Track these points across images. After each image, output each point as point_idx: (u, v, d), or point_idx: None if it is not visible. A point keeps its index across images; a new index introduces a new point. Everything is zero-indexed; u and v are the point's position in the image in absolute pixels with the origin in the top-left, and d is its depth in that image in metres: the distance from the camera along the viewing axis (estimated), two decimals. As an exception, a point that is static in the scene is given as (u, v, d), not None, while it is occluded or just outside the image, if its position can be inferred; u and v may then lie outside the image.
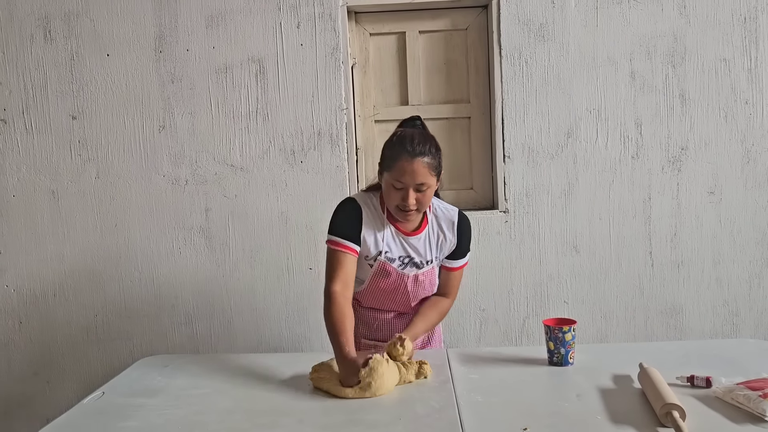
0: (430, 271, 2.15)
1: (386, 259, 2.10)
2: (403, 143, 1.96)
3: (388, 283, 2.13)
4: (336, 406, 1.69)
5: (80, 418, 1.70)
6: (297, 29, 3.13)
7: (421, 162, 1.93)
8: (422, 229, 2.12)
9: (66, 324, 3.27)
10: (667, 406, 1.46)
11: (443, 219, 2.14)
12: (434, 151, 1.99)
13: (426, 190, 1.97)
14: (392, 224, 2.10)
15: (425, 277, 2.15)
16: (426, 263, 2.13)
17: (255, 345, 3.25)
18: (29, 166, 3.21)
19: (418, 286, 2.15)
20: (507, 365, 1.94)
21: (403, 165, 1.93)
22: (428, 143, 1.98)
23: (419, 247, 2.11)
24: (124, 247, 3.23)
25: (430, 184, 1.98)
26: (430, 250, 2.13)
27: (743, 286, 3.21)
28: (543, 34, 3.12)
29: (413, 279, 2.13)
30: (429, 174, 1.96)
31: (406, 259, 2.11)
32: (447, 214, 2.15)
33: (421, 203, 1.99)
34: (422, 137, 1.99)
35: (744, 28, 3.10)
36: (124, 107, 3.18)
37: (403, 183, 1.95)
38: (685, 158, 3.15)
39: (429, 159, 1.95)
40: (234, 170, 3.18)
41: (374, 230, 2.09)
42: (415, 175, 1.93)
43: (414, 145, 1.95)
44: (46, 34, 3.15)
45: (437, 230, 2.13)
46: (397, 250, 2.10)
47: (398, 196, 1.97)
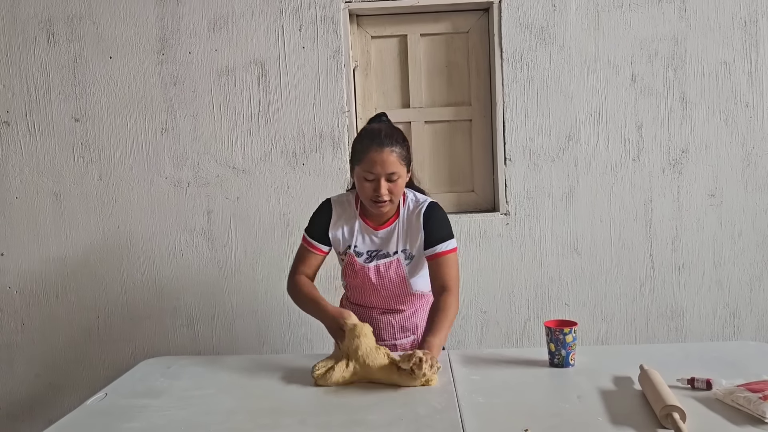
0: (395, 262, 2.17)
1: (354, 253, 2.18)
2: (371, 136, 2.07)
3: (355, 276, 2.21)
4: (337, 406, 1.69)
5: (84, 419, 1.71)
6: (299, 32, 3.14)
7: (390, 151, 2.03)
8: (391, 222, 2.18)
9: (68, 325, 3.28)
10: (667, 407, 1.47)
11: (414, 211, 2.18)
12: (402, 141, 2.08)
13: (397, 179, 2.05)
14: (362, 219, 2.19)
15: (387, 269, 2.17)
16: (392, 254, 2.17)
17: (256, 346, 3.26)
18: (32, 168, 3.22)
19: (381, 278, 2.18)
20: (508, 367, 1.95)
21: (373, 156, 2.03)
22: (395, 135, 2.08)
23: (387, 239, 2.17)
24: (126, 249, 3.24)
25: (401, 173, 2.06)
26: (398, 243, 2.17)
27: (744, 288, 3.22)
28: (544, 37, 3.13)
29: (375, 270, 2.18)
30: (398, 163, 2.04)
31: (373, 253, 2.18)
32: (418, 205, 2.18)
33: (393, 193, 2.07)
34: (389, 129, 2.10)
35: (744, 31, 3.11)
36: (127, 110, 3.19)
37: (374, 173, 2.03)
38: (686, 161, 3.16)
39: (398, 149, 2.04)
40: (236, 172, 3.20)
41: (344, 226, 2.21)
42: (386, 165, 2.02)
43: (382, 137, 2.05)
44: (49, 37, 3.16)
45: (407, 222, 2.18)
46: (364, 245, 2.19)
47: (370, 188, 2.06)
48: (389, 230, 2.17)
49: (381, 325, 2.25)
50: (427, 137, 3.33)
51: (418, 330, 2.27)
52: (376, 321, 2.24)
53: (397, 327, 2.25)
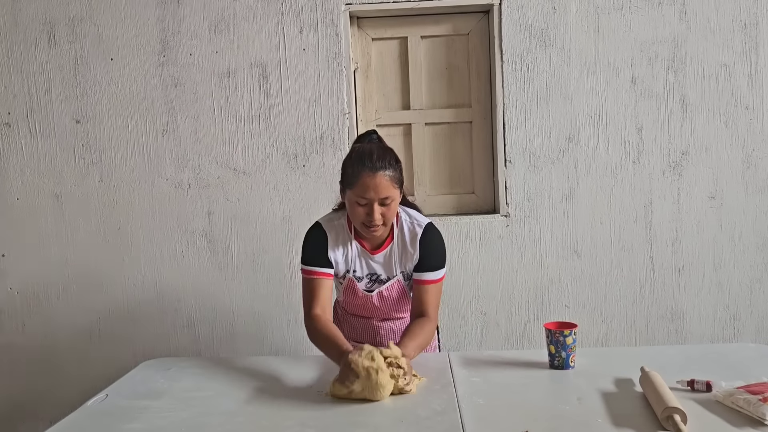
0: (395, 284, 2.14)
1: (354, 278, 2.13)
2: (362, 159, 1.96)
3: (356, 299, 2.17)
4: (338, 409, 1.69)
5: (84, 420, 1.71)
6: (299, 34, 3.15)
7: (383, 176, 1.94)
8: (385, 246, 2.11)
9: (69, 327, 3.28)
10: (668, 409, 1.47)
11: (408, 233, 2.10)
12: (394, 163, 1.99)
13: (390, 203, 1.97)
14: (358, 242, 2.12)
15: (390, 292, 2.15)
16: (392, 278, 2.14)
17: (257, 348, 3.26)
18: (33, 170, 3.22)
19: (383, 301, 2.16)
20: (508, 368, 1.95)
21: (366, 181, 1.93)
22: (387, 156, 1.98)
23: (383, 263, 2.12)
24: (126, 251, 3.25)
25: (394, 196, 1.98)
26: (394, 266, 2.12)
27: (744, 290, 3.22)
28: (544, 40, 3.13)
29: (378, 296, 2.15)
30: (392, 187, 1.96)
31: (373, 276, 2.13)
32: (413, 229, 2.10)
33: (386, 217, 1.99)
34: (381, 151, 1.99)
35: (744, 33, 3.11)
36: (128, 111, 3.19)
37: (367, 198, 1.95)
38: (686, 163, 3.16)
39: (390, 172, 1.96)
40: (236, 174, 3.20)
41: (341, 250, 2.12)
42: (379, 190, 1.93)
43: (374, 160, 1.95)
44: (50, 39, 3.17)
45: (401, 245, 2.11)
46: (362, 269, 2.13)
47: (363, 212, 1.97)
48: (385, 254, 2.11)
49: (381, 332, 2.23)
50: (428, 139, 3.33)
51: None
52: (376, 328, 2.23)
53: (398, 333, 2.21)
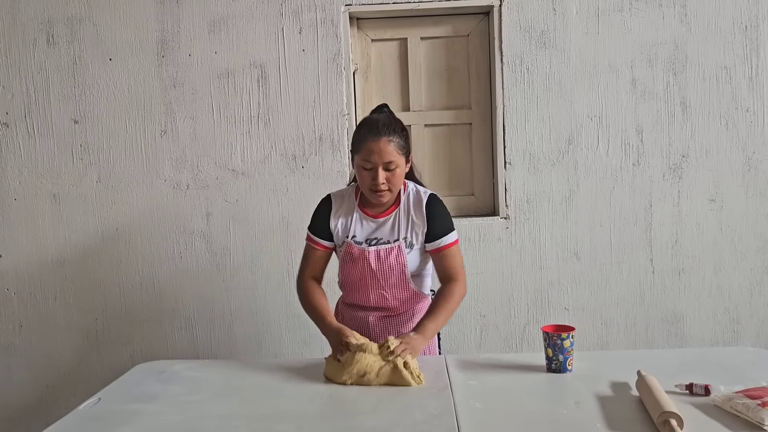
0: (395, 248, 2.16)
1: (352, 242, 2.18)
2: (369, 126, 2.09)
3: (354, 266, 2.19)
4: (334, 411, 1.69)
5: (75, 424, 1.69)
6: (299, 35, 3.14)
7: (387, 141, 2.04)
8: (391, 211, 2.18)
9: (66, 328, 3.27)
10: (664, 414, 1.46)
11: (414, 201, 2.19)
12: (400, 131, 2.10)
13: (395, 169, 2.07)
14: (361, 210, 2.20)
15: (387, 254, 2.16)
16: (393, 241, 2.17)
17: (255, 350, 3.25)
18: (31, 170, 3.22)
19: (381, 263, 2.16)
20: (506, 372, 1.94)
21: (370, 145, 2.05)
22: (393, 124, 2.10)
23: (387, 227, 2.18)
24: (124, 251, 3.24)
25: (399, 163, 2.07)
26: (398, 231, 2.17)
27: (744, 293, 3.21)
28: (544, 41, 3.12)
29: (375, 255, 2.16)
30: (396, 152, 2.06)
31: (372, 240, 2.18)
32: (419, 196, 2.19)
33: (391, 183, 2.08)
34: (387, 119, 2.11)
35: (745, 36, 3.11)
36: (126, 111, 3.18)
37: (372, 162, 2.05)
38: (686, 165, 3.15)
39: (395, 138, 2.06)
40: (235, 175, 3.19)
41: (344, 218, 2.21)
42: (383, 154, 2.04)
43: (379, 126, 2.07)
44: (49, 39, 3.16)
45: (407, 212, 2.18)
46: (362, 233, 2.19)
47: (368, 177, 2.08)
48: (388, 218, 2.18)
49: (377, 330, 2.23)
50: (427, 141, 3.32)
51: None
52: (371, 327, 2.23)
53: (391, 331, 2.21)
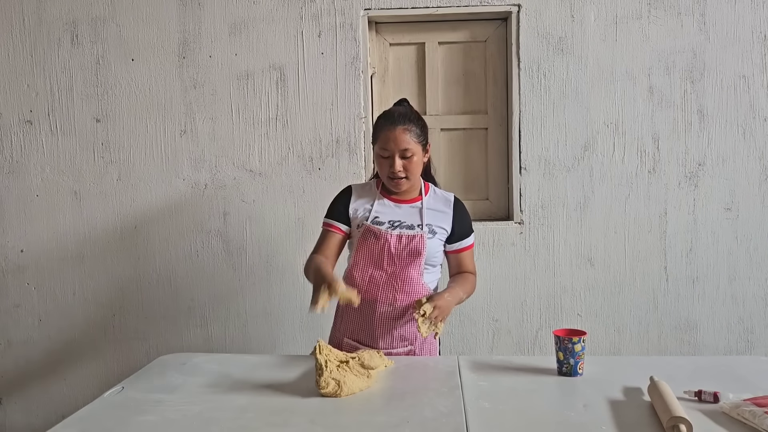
0: (418, 236, 2.19)
1: (374, 223, 2.23)
2: (387, 116, 2.23)
3: (375, 243, 2.21)
4: (346, 407, 1.71)
5: (100, 411, 1.75)
6: (318, 38, 3.18)
7: (402, 129, 2.16)
8: (416, 200, 2.28)
9: (84, 323, 3.32)
10: (674, 419, 1.47)
11: (440, 197, 2.33)
12: (416, 120, 2.21)
13: (411, 156, 2.17)
14: (384, 196, 2.30)
15: (409, 241, 2.19)
16: (417, 227, 2.22)
17: (269, 349, 3.28)
18: (53, 167, 3.27)
19: (402, 247, 2.18)
20: (516, 374, 1.95)
21: (387, 134, 2.17)
22: (410, 115, 2.22)
23: (413, 213, 2.25)
24: (143, 249, 3.29)
25: (415, 151, 2.18)
26: (423, 218, 2.24)
27: (759, 303, 3.20)
28: (562, 48, 3.14)
29: (397, 238, 2.20)
30: (412, 141, 2.17)
31: (396, 223, 2.23)
32: (444, 195, 2.35)
33: (409, 171, 2.19)
34: (404, 110, 2.24)
35: (764, 45, 3.10)
36: (147, 111, 3.23)
37: (389, 150, 2.16)
38: (702, 174, 3.15)
39: (411, 127, 2.18)
40: (253, 175, 3.23)
41: (366, 203, 2.30)
42: (398, 141, 2.15)
43: (395, 116, 2.20)
44: (73, 39, 3.22)
45: (432, 203, 2.29)
46: (386, 215, 2.25)
47: (386, 165, 2.19)
48: (414, 207, 2.27)
49: (378, 331, 2.21)
50: (443, 145, 3.34)
51: (416, 341, 2.24)
52: (373, 326, 2.22)
53: (396, 336, 2.21)
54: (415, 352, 2.24)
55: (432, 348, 2.29)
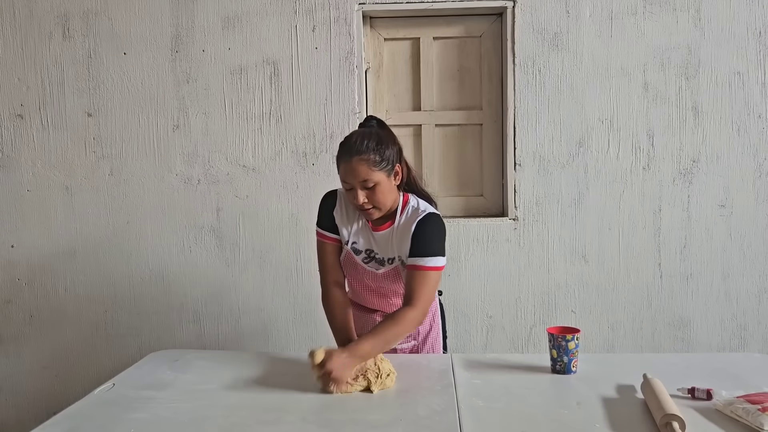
0: (392, 271, 2.12)
1: (353, 250, 2.15)
2: (344, 145, 2.01)
3: (355, 273, 2.18)
4: (339, 405, 1.70)
5: (90, 408, 1.73)
6: (312, 33, 3.16)
7: (358, 160, 1.95)
8: (387, 226, 2.10)
9: (76, 319, 3.31)
10: (667, 416, 1.47)
11: (409, 219, 2.06)
12: (375, 147, 1.97)
13: (374, 186, 1.98)
14: (363, 218, 2.13)
15: (385, 277, 2.14)
16: (387, 261, 2.11)
17: (262, 345, 3.27)
18: (44, 162, 3.25)
19: (378, 281, 2.16)
20: (510, 372, 1.95)
21: (344, 166, 1.99)
22: (367, 140, 1.98)
23: (382, 243, 2.11)
24: (135, 245, 3.27)
25: (376, 180, 1.97)
26: (392, 249, 2.09)
27: (752, 300, 3.20)
28: (557, 43, 3.13)
29: (372, 275, 2.15)
30: (370, 170, 1.96)
31: (371, 253, 2.13)
32: (415, 215, 2.06)
33: (374, 200, 2.00)
34: (363, 136, 2.00)
35: (759, 42, 3.10)
36: (140, 106, 3.21)
37: (349, 183, 1.99)
38: (697, 171, 3.15)
39: (368, 155, 1.96)
40: (246, 171, 3.21)
41: (347, 221, 2.15)
42: (355, 174, 1.96)
43: (351, 144, 1.98)
44: (64, 32, 3.19)
45: (401, 230, 2.07)
46: (363, 243, 2.14)
47: (351, 196, 2.01)
48: (386, 234, 2.09)
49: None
50: (438, 141, 3.33)
51: (419, 336, 2.24)
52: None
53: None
54: (419, 349, 2.24)
55: (436, 343, 2.27)
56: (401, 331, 1.94)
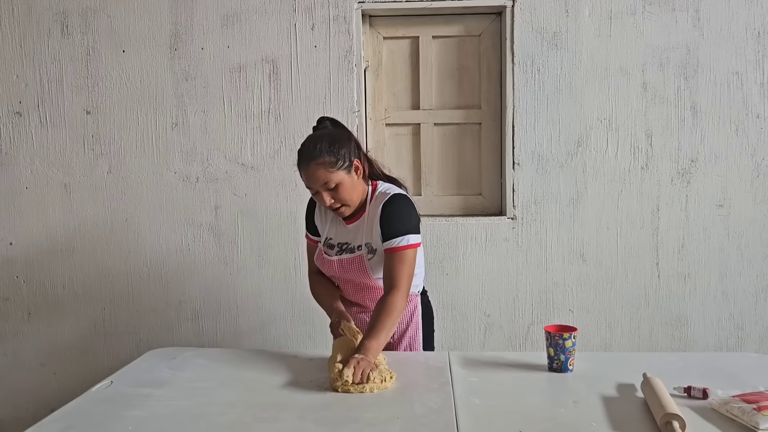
0: (357, 258, 2.14)
1: (326, 246, 2.22)
2: (300, 152, 2.07)
3: (327, 269, 2.23)
4: (336, 403, 1.71)
5: (88, 405, 1.74)
6: (311, 31, 3.16)
7: (314, 165, 2.02)
8: (358, 217, 2.16)
9: (74, 316, 3.31)
10: (667, 415, 1.47)
11: (377, 203, 2.11)
12: (328, 148, 2.02)
13: (336, 187, 2.04)
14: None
15: (350, 263, 2.16)
16: (357, 248, 2.15)
17: (260, 343, 3.27)
18: (42, 159, 3.25)
19: (345, 271, 2.17)
20: (507, 370, 1.95)
21: (303, 173, 2.06)
22: (320, 144, 2.03)
23: (355, 233, 2.17)
24: (133, 242, 3.27)
25: (337, 180, 2.03)
26: (363, 236, 2.14)
27: (749, 300, 3.21)
28: (556, 43, 3.13)
29: (338, 264, 2.18)
30: (328, 173, 2.01)
31: (344, 245, 2.19)
32: (382, 198, 2.11)
33: (340, 198, 2.06)
34: (316, 140, 2.06)
35: (758, 42, 3.10)
36: (138, 103, 3.21)
37: (312, 188, 2.07)
38: (695, 170, 3.15)
39: (322, 159, 2.01)
40: (245, 169, 3.21)
41: (324, 219, 2.25)
42: (315, 178, 2.03)
43: (304, 152, 2.05)
44: (63, 29, 3.19)
45: (372, 214, 2.11)
46: (337, 237, 2.21)
47: (319, 198, 2.08)
48: (357, 224, 2.16)
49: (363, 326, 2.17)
50: (436, 139, 3.33)
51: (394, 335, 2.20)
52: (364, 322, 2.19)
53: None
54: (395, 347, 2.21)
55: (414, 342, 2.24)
56: (395, 317, 2.00)
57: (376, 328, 1.95)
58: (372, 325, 1.97)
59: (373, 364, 1.84)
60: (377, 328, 1.95)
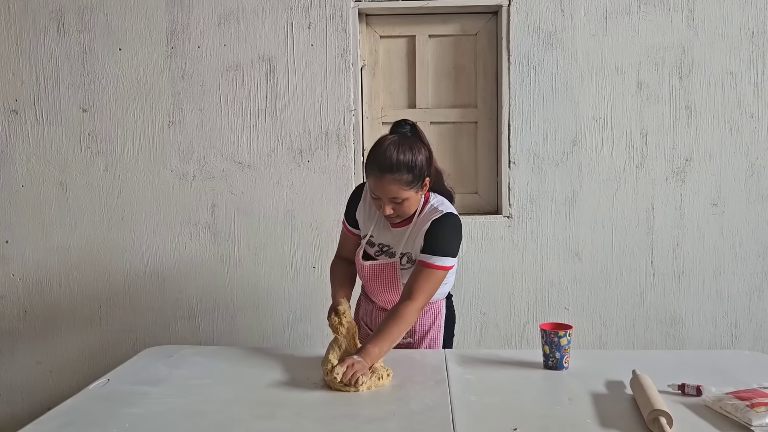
0: (389, 266, 2.12)
1: (368, 243, 2.18)
2: (376, 156, 1.96)
3: (360, 270, 2.22)
4: (332, 400, 1.71)
5: (85, 403, 1.74)
6: (308, 30, 3.16)
7: (390, 179, 1.93)
8: (404, 224, 2.09)
9: (70, 314, 3.31)
10: (654, 412, 1.48)
11: (427, 218, 2.05)
12: (407, 165, 1.94)
13: (401, 201, 1.98)
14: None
15: (381, 270, 2.14)
16: (396, 255, 2.12)
17: (257, 341, 3.27)
18: (39, 157, 3.25)
19: (375, 276, 2.16)
20: (503, 367, 1.96)
21: (374, 180, 1.97)
22: (399, 155, 1.93)
23: (398, 239, 2.11)
24: (130, 240, 3.27)
25: (405, 196, 1.97)
26: (404, 244, 2.10)
27: (743, 298, 3.22)
28: (552, 42, 3.14)
29: (369, 269, 2.16)
30: (400, 189, 1.95)
31: (384, 247, 2.15)
32: (433, 213, 2.05)
33: (400, 211, 2.01)
34: (396, 149, 1.94)
35: (752, 42, 3.11)
36: (135, 102, 3.21)
37: (377, 194, 1.99)
38: (689, 169, 3.17)
39: (400, 175, 1.93)
40: (241, 167, 3.22)
41: (369, 213, 2.18)
42: (386, 192, 1.96)
43: (384, 161, 1.94)
44: (59, 27, 3.19)
45: (417, 226, 2.07)
46: (379, 237, 2.16)
47: (377, 203, 2.03)
48: (401, 231, 2.10)
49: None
50: (433, 138, 3.33)
51: (415, 335, 2.23)
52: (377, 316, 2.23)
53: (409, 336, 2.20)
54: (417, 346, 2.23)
55: (434, 344, 2.24)
56: (403, 328, 1.95)
57: (382, 335, 1.91)
58: (379, 330, 1.94)
59: (368, 369, 1.82)
60: (383, 336, 1.91)
